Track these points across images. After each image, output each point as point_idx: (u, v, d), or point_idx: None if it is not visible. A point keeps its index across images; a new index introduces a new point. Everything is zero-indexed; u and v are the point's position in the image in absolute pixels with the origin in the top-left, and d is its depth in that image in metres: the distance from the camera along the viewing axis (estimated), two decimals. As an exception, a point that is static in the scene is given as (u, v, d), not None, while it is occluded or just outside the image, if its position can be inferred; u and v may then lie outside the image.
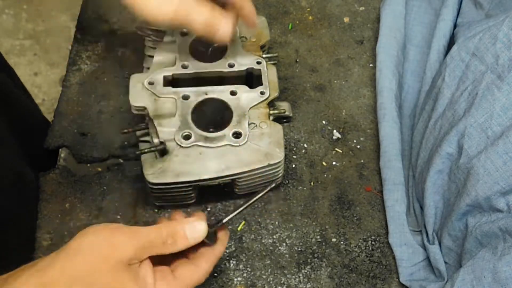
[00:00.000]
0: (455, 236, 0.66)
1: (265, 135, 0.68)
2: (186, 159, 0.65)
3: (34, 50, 1.90)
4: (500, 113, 0.63)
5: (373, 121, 0.81)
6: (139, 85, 0.69)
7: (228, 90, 0.70)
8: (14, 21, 1.96)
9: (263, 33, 0.78)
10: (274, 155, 0.67)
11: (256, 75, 0.72)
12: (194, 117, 0.67)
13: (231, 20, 0.63)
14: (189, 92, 0.69)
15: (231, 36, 0.63)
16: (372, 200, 0.75)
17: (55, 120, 0.77)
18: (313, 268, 0.69)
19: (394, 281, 0.69)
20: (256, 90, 0.71)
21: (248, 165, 0.66)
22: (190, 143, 0.65)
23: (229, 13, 0.63)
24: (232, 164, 0.65)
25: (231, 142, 0.66)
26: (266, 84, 0.71)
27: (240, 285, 0.67)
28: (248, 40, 0.76)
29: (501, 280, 0.57)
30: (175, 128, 0.66)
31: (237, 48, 0.74)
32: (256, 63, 0.73)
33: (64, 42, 1.91)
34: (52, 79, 1.84)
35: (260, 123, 0.69)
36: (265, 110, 0.70)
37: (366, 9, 0.92)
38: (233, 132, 0.67)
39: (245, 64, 0.73)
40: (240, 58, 0.73)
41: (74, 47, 0.83)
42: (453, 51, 0.72)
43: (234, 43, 0.73)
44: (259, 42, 0.77)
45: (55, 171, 0.74)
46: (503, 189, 0.61)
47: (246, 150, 0.66)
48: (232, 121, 0.68)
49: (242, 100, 0.69)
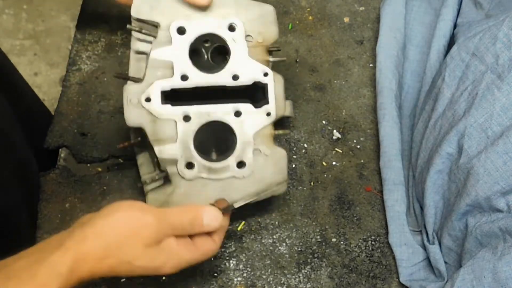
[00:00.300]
0: (455, 236, 0.66)
1: (269, 163, 0.66)
2: (189, 192, 0.63)
3: (34, 50, 1.90)
4: (500, 113, 0.63)
5: (373, 121, 0.81)
6: (134, 99, 0.63)
7: (232, 111, 0.65)
8: (14, 21, 1.96)
9: (270, 30, 0.69)
10: (278, 186, 0.66)
11: (262, 87, 0.67)
12: (196, 142, 0.63)
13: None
14: (190, 112, 0.63)
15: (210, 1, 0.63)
16: (372, 200, 0.75)
17: (55, 120, 0.77)
18: (313, 268, 0.69)
19: (394, 281, 0.69)
20: (262, 111, 0.65)
21: (252, 196, 0.65)
22: (194, 176, 0.63)
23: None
24: (236, 196, 0.64)
25: (235, 174, 0.64)
26: (272, 102, 0.66)
27: (240, 285, 0.67)
28: (253, 40, 0.67)
29: (501, 280, 0.57)
30: (177, 157, 0.63)
31: (241, 53, 0.66)
32: (263, 74, 0.66)
33: (64, 42, 1.91)
34: (52, 79, 1.84)
35: (264, 149, 0.65)
36: (270, 131, 0.66)
37: (366, 9, 0.92)
38: (238, 162, 0.64)
39: (251, 75, 0.66)
40: (245, 68, 0.66)
41: (74, 47, 0.83)
42: (453, 51, 0.72)
43: (238, 44, 0.66)
44: (267, 42, 0.68)
45: (55, 171, 0.74)
46: (503, 189, 0.61)
47: (251, 182, 0.65)
48: (236, 149, 0.64)
49: (247, 124, 0.65)
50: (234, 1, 0.66)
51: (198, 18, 0.65)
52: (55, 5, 1.99)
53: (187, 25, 0.64)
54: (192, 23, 0.64)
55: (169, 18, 0.64)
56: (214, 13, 0.65)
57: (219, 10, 0.65)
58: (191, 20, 0.64)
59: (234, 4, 0.66)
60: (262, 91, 0.67)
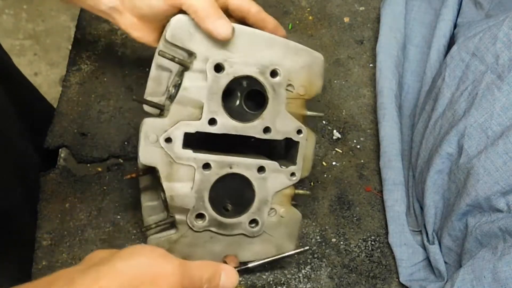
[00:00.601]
0: (455, 236, 0.66)
1: (282, 224, 0.63)
2: (195, 242, 0.60)
3: (34, 50, 1.90)
4: (500, 113, 0.63)
5: (373, 121, 0.81)
6: (153, 136, 0.56)
7: (256, 166, 0.60)
8: (14, 21, 1.96)
9: (315, 84, 0.62)
10: (284, 248, 0.64)
11: (291, 145, 0.62)
12: (212, 193, 0.59)
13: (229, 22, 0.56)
14: (211, 161, 0.58)
15: (231, 34, 0.55)
16: (372, 200, 0.75)
17: (55, 120, 0.77)
18: (313, 268, 0.69)
19: (394, 281, 0.69)
20: (286, 171, 0.61)
21: (256, 255, 0.63)
22: (202, 228, 0.60)
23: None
24: (241, 253, 0.62)
25: (246, 232, 0.61)
26: (300, 164, 0.62)
27: (240, 285, 0.67)
28: (294, 91, 0.61)
29: (501, 280, 0.57)
30: (189, 206, 0.59)
31: (278, 105, 0.59)
32: (296, 132, 0.61)
33: (64, 42, 1.91)
34: (52, 79, 1.84)
35: (280, 210, 0.62)
36: (290, 192, 0.63)
37: (366, 9, 0.92)
38: (251, 219, 0.61)
39: (284, 131, 0.60)
40: (279, 122, 0.60)
41: (74, 47, 0.83)
42: (453, 51, 0.72)
43: (277, 94, 0.59)
44: (308, 96, 0.62)
45: (55, 171, 0.74)
46: (503, 189, 0.61)
47: (259, 241, 0.62)
48: (252, 207, 0.61)
49: (269, 182, 0.61)
50: (284, 44, 0.59)
51: (241, 54, 0.57)
52: (55, 5, 1.99)
53: (226, 64, 0.57)
54: (232, 61, 0.57)
55: (208, 49, 0.56)
56: (260, 52, 0.58)
57: (266, 50, 0.58)
58: (232, 56, 0.57)
59: (283, 47, 0.59)
60: (290, 151, 0.63)
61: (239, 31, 0.57)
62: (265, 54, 0.58)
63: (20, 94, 0.83)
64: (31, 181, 0.73)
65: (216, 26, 0.54)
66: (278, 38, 0.59)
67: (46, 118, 0.78)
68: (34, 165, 0.75)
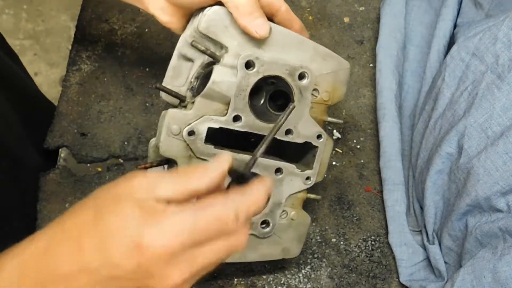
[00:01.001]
0: (455, 236, 0.66)
1: (291, 227, 0.63)
2: None
3: (34, 50, 1.90)
4: (500, 113, 0.63)
5: (373, 121, 0.81)
6: (175, 128, 0.54)
7: (274, 167, 0.60)
8: (14, 21, 1.96)
9: (339, 91, 0.62)
10: (290, 251, 0.64)
11: (307, 149, 0.63)
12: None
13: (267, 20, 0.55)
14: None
15: (268, 34, 0.54)
16: (372, 200, 0.75)
17: (55, 120, 0.77)
18: (313, 268, 0.69)
19: (394, 281, 0.69)
20: (302, 175, 0.61)
21: (262, 257, 0.63)
22: None
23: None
24: (249, 254, 0.62)
25: (257, 233, 0.61)
26: (316, 168, 0.62)
27: (240, 285, 0.67)
28: (319, 96, 0.61)
29: (501, 280, 0.57)
30: None
31: (303, 108, 0.59)
32: (316, 137, 0.61)
33: (64, 42, 1.91)
34: (52, 79, 1.84)
35: (291, 213, 0.63)
36: (303, 195, 0.63)
37: (366, 9, 0.92)
38: (262, 220, 0.61)
39: (304, 135, 0.60)
40: (301, 125, 0.60)
41: (74, 47, 0.83)
42: (453, 51, 0.72)
43: (303, 98, 0.59)
44: (331, 102, 0.62)
45: (55, 171, 0.74)
46: (503, 189, 0.61)
47: (267, 242, 0.62)
48: (265, 208, 0.61)
49: (284, 185, 0.61)
50: (314, 47, 0.59)
51: (272, 53, 0.57)
52: (55, 5, 1.99)
53: (257, 61, 0.56)
54: (263, 59, 0.56)
55: (240, 44, 0.55)
56: (289, 53, 0.58)
57: (296, 51, 0.58)
58: (264, 54, 0.56)
59: (312, 50, 0.59)
60: (306, 154, 0.63)
61: (274, 30, 0.56)
62: (295, 55, 0.58)
63: (21, 93, 0.83)
64: (27, 181, 0.73)
65: (255, 24, 0.53)
66: (308, 40, 0.59)
67: (47, 118, 0.78)
68: (32, 164, 0.75)
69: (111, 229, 0.40)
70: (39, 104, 0.94)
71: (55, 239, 0.42)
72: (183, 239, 0.40)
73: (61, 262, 0.41)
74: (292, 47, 0.58)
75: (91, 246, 0.40)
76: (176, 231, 0.40)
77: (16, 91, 0.81)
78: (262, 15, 0.54)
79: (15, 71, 0.86)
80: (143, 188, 0.41)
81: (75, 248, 0.40)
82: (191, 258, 0.41)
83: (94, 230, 0.40)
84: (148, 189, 0.41)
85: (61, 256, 0.41)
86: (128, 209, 0.40)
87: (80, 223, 0.41)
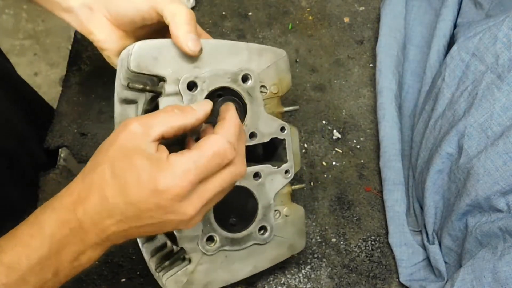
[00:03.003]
0: (455, 236, 0.66)
1: (288, 223, 0.63)
2: (212, 266, 0.59)
3: (34, 50, 1.90)
4: (500, 113, 0.63)
5: (373, 121, 0.81)
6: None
7: (251, 173, 0.60)
8: (14, 21, 1.96)
9: (285, 79, 0.62)
10: (296, 245, 0.65)
11: (277, 145, 0.63)
12: (217, 213, 0.58)
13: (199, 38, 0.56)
14: None
15: (198, 52, 0.54)
16: (372, 200, 0.75)
17: (55, 120, 0.77)
18: (313, 268, 0.69)
19: (394, 281, 0.69)
20: (280, 170, 0.62)
21: (274, 260, 0.64)
22: (216, 250, 0.59)
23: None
24: (259, 263, 0.62)
25: (258, 241, 0.61)
26: (291, 160, 0.62)
27: (240, 285, 0.67)
28: (268, 91, 0.61)
29: (501, 280, 0.57)
30: (198, 233, 0.57)
31: (257, 108, 0.59)
32: (279, 130, 0.61)
33: (64, 42, 1.90)
34: (52, 79, 1.84)
35: (283, 210, 0.63)
36: (288, 189, 0.63)
37: (366, 9, 0.92)
38: (259, 227, 0.61)
39: (268, 133, 0.60)
40: (261, 124, 0.60)
41: (74, 47, 0.83)
42: (453, 51, 0.72)
43: (254, 99, 0.59)
44: (281, 92, 0.62)
45: (55, 171, 0.74)
46: (503, 189, 0.61)
47: (272, 246, 0.63)
48: (258, 215, 0.61)
49: (267, 186, 0.61)
50: (246, 47, 0.59)
51: (209, 66, 0.56)
52: (55, 5, 1.99)
53: (198, 80, 0.55)
54: (203, 76, 0.56)
55: (175, 70, 0.55)
56: (225, 60, 0.57)
57: (231, 57, 0.58)
58: (201, 71, 0.56)
59: (246, 50, 0.59)
60: (277, 149, 0.63)
61: (203, 44, 0.55)
62: (231, 61, 0.58)
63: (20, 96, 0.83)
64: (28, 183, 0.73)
65: (189, 37, 0.53)
66: (239, 43, 0.58)
67: (46, 119, 0.78)
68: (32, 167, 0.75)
69: (128, 181, 0.46)
70: (37, 104, 0.94)
71: (80, 196, 0.47)
72: (191, 178, 0.46)
73: (90, 211, 0.47)
74: (226, 54, 0.57)
75: (114, 194, 0.46)
76: (183, 173, 0.46)
77: (15, 91, 0.82)
78: (196, 32, 0.54)
79: (12, 71, 0.86)
80: (139, 133, 0.47)
81: (101, 198, 0.46)
82: (201, 192, 0.48)
83: (113, 184, 0.46)
84: (143, 133, 0.47)
85: (89, 206, 0.47)
86: (138, 162, 0.46)
87: (99, 181, 0.47)
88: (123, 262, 0.68)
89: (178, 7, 0.55)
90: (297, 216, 0.64)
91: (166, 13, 0.55)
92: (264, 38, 0.87)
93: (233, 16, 0.89)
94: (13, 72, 0.87)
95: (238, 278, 0.62)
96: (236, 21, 0.88)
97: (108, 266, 0.67)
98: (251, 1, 0.91)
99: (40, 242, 0.47)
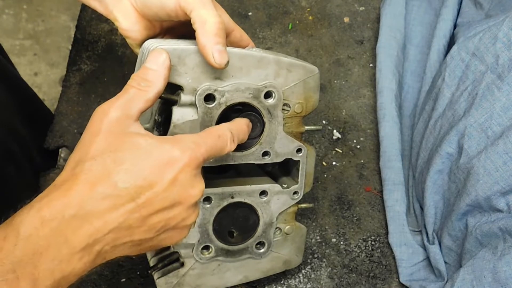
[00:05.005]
0: (455, 236, 0.66)
1: (288, 241, 0.62)
2: (203, 272, 0.59)
3: (34, 50, 1.90)
4: (500, 113, 0.63)
5: (373, 121, 0.81)
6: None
7: (258, 191, 0.58)
8: (14, 21, 1.96)
9: (311, 99, 0.58)
10: (292, 262, 0.64)
11: (292, 163, 0.60)
12: (216, 225, 0.57)
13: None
14: (212, 194, 0.55)
15: (225, 65, 0.50)
16: (372, 200, 0.75)
17: (55, 120, 0.77)
18: (313, 268, 0.69)
19: (394, 281, 0.69)
20: (288, 191, 0.59)
21: (266, 273, 0.63)
22: (210, 258, 0.58)
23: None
24: (251, 273, 0.62)
25: (253, 255, 0.60)
26: (302, 182, 0.60)
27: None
28: (291, 110, 0.57)
29: (501, 280, 0.57)
30: (194, 241, 0.57)
31: (276, 128, 0.56)
32: (295, 151, 0.58)
33: (64, 42, 1.90)
34: (52, 79, 1.84)
35: (285, 228, 0.61)
36: (293, 209, 0.61)
37: (366, 9, 0.92)
38: (257, 242, 0.60)
39: (283, 153, 0.58)
40: (278, 144, 0.57)
41: (74, 47, 0.83)
42: (453, 51, 0.72)
43: (274, 117, 0.56)
44: (305, 112, 0.58)
45: (55, 171, 0.74)
46: (503, 189, 0.61)
47: (266, 259, 0.62)
48: (258, 231, 0.59)
49: (272, 205, 0.59)
50: (276, 61, 0.54)
51: (230, 79, 0.52)
52: (55, 5, 1.99)
53: (216, 93, 0.52)
54: (223, 89, 0.52)
55: (194, 79, 0.51)
56: (250, 74, 0.53)
57: (257, 70, 0.53)
58: (222, 83, 0.52)
59: (274, 64, 0.54)
60: (289, 169, 0.61)
61: (230, 54, 0.51)
62: (256, 75, 0.54)
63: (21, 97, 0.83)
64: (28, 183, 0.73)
65: (216, 49, 0.49)
66: (269, 56, 0.54)
67: (45, 120, 0.78)
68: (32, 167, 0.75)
69: (136, 162, 0.43)
70: (37, 105, 0.94)
71: (68, 188, 0.43)
72: (202, 150, 0.45)
73: (97, 203, 0.42)
74: (252, 67, 0.53)
75: (124, 178, 0.42)
76: (194, 145, 0.45)
77: (17, 92, 0.82)
78: (225, 44, 0.51)
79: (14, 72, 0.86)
80: (121, 116, 0.45)
81: (110, 186, 0.42)
82: (201, 180, 0.46)
83: (121, 168, 0.42)
84: (126, 115, 0.45)
85: (84, 197, 0.42)
86: (141, 141, 0.44)
87: (102, 171, 0.43)
88: (123, 262, 0.68)
89: (209, 14, 0.50)
90: (299, 234, 0.63)
91: (195, 18, 0.51)
92: (264, 38, 0.87)
93: (233, 16, 0.89)
94: (15, 73, 0.87)
95: (228, 285, 0.61)
96: (236, 21, 0.88)
97: (108, 266, 0.67)
98: (251, 1, 0.91)
99: (13, 245, 0.40)
